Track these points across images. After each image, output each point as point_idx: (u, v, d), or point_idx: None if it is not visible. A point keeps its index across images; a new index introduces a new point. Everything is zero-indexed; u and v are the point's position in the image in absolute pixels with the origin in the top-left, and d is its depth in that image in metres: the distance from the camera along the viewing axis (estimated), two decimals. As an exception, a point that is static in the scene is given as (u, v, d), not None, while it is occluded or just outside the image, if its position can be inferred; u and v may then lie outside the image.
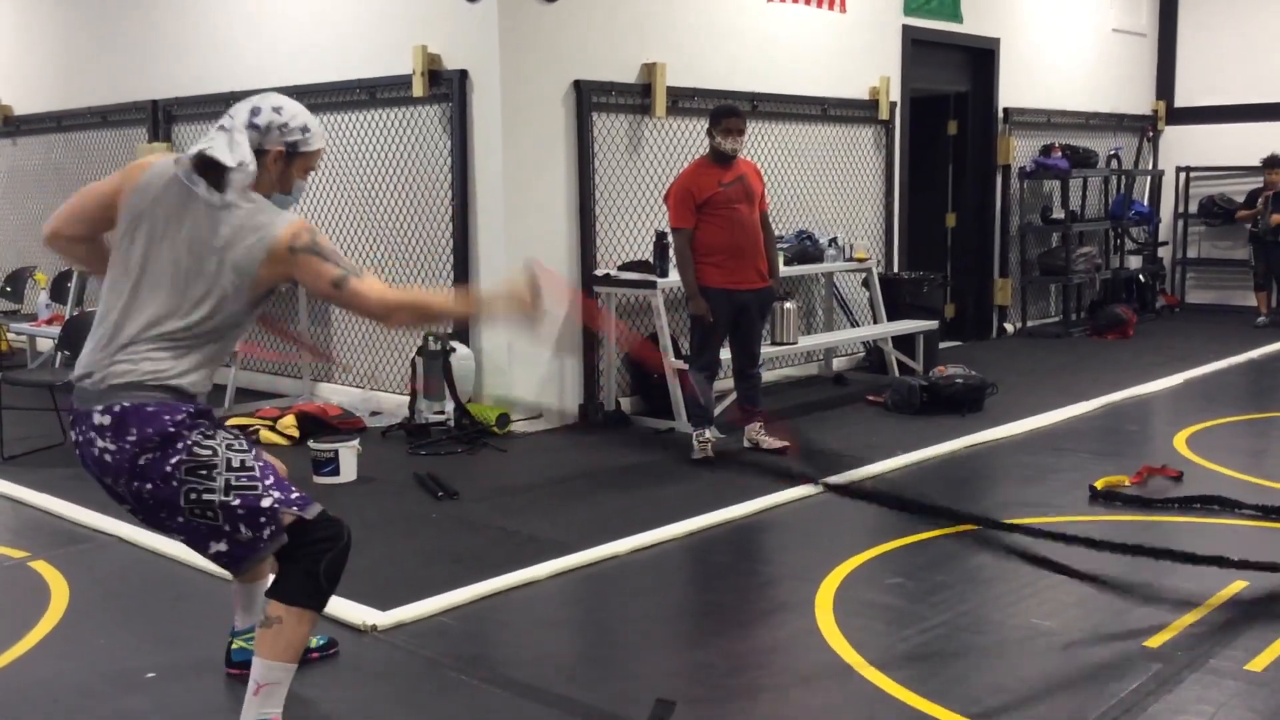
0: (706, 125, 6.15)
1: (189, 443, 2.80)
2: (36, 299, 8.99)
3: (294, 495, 2.87)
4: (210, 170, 2.85)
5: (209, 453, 2.81)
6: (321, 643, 3.62)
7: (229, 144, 2.86)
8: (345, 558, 2.88)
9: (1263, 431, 6.83)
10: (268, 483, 2.84)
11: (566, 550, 4.55)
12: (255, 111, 2.93)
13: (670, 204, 6.09)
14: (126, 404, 2.78)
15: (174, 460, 2.78)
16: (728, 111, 6.08)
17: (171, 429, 2.79)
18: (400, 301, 2.94)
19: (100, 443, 2.81)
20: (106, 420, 2.79)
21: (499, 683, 3.47)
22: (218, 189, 2.84)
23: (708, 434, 6.09)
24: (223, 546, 2.83)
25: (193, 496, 2.79)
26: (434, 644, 3.75)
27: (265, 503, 2.80)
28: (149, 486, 2.80)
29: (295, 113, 2.97)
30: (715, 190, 5.95)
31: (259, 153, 2.90)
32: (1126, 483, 5.41)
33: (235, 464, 2.82)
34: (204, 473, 2.79)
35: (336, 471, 5.68)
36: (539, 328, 3.04)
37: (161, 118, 8.61)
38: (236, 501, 2.79)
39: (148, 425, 2.78)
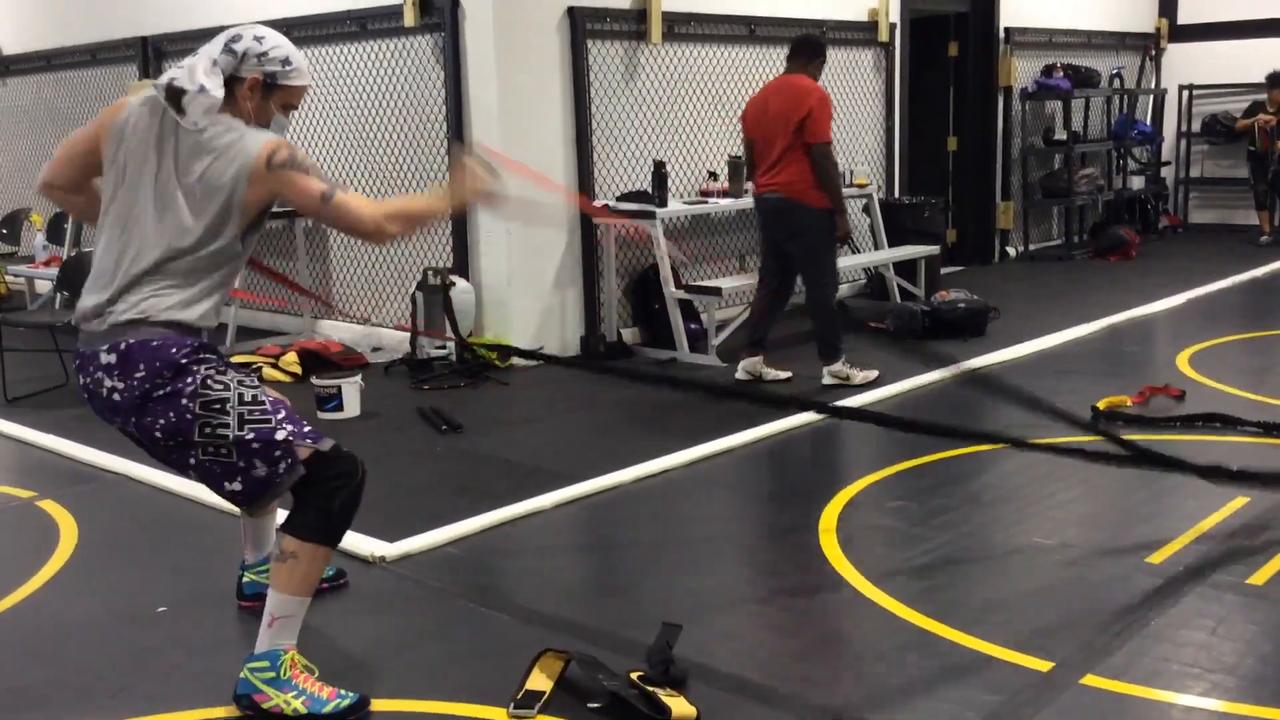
0: (791, 52, 6.13)
1: (200, 377, 2.78)
2: (33, 241, 8.95)
3: (307, 429, 2.87)
4: (179, 97, 2.81)
5: (221, 388, 2.79)
6: (330, 574, 3.64)
7: (192, 69, 2.83)
8: (360, 494, 2.89)
9: (1265, 350, 6.82)
10: (280, 416, 2.83)
11: (570, 480, 4.58)
12: (235, 38, 2.90)
13: (821, 115, 5.81)
14: (131, 340, 2.76)
15: (186, 395, 2.76)
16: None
17: (183, 360, 2.77)
18: (389, 212, 2.87)
19: (108, 382, 2.79)
20: (113, 359, 2.78)
21: (506, 610, 3.51)
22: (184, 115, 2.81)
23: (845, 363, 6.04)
24: (237, 485, 2.82)
25: (206, 431, 2.77)
26: (441, 574, 3.78)
27: (279, 436, 2.80)
28: (160, 423, 2.78)
29: (277, 43, 2.92)
30: None
31: (234, 79, 2.87)
32: (1128, 403, 5.42)
33: (248, 399, 2.81)
34: (217, 407, 2.77)
35: (340, 407, 5.69)
36: (503, 201, 3.03)
37: (151, 54, 8.50)
38: (250, 435, 2.78)
39: (155, 359, 2.76)
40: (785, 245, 6.03)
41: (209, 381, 2.78)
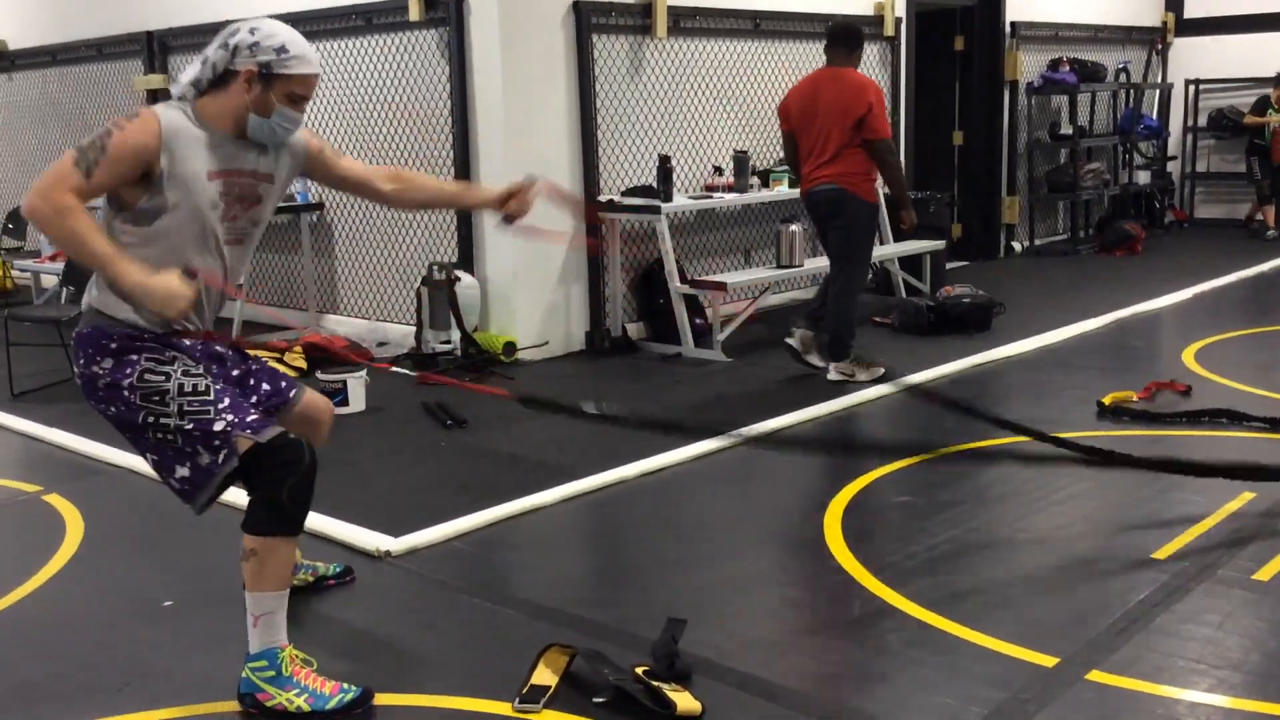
0: (830, 42, 6.05)
1: (139, 369, 2.83)
2: (39, 236, 8.96)
3: (250, 418, 2.85)
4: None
5: (161, 378, 2.83)
6: (338, 570, 3.66)
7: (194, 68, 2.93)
8: (310, 480, 2.85)
9: (1271, 345, 6.81)
10: (221, 406, 2.83)
11: (575, 475, 4.58)
12: (232, 32, 2.89)
13: (881, 111, 5.82)
14: (79, 329, 2.91)
15: (125, 387, 2.83)
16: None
17: (113, 347, 2.83)
18: (63, 206, 2.61)
19: (74, 367, 2.95)
20: (74, 345, 2.93)
21: (512, 604, 3.51)
22: None
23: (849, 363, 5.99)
24: (186, 472, 2.84)
25: (150, 420, 2.83)
26: (447, 568, 3.78)
27: (217, 426, 2.80)
28: (112, 411, 2.88)
29: (273, 33, 2.87)
30: None
31: (229, 73, 2.86)
32: (1134, 398, 5.41)
33: (188, 389, 2.83)
34: (157, 398, 2.82)
35: (345, 402, 5.69)
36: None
37: (157, 49, 8.50)
38: (190, 425, 2.81)
39: (88, 347, 2.86)
40: (834, 235, 6.03)
41: (146, 374, 2.83)
